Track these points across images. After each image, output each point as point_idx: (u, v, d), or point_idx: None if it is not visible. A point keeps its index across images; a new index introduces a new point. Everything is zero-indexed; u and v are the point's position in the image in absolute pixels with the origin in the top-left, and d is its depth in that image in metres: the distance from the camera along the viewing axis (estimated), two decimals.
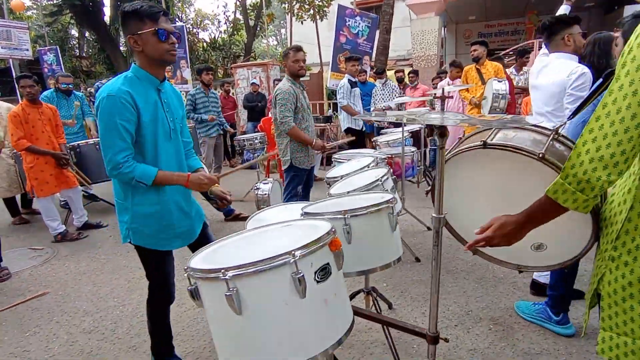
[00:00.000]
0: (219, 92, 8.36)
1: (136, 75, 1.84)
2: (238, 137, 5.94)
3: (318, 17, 13.35)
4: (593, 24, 13.25)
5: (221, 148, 6.34)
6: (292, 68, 3.66)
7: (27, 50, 10.69)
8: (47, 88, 12.18)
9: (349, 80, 5.70)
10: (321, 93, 11.54)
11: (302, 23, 14.66)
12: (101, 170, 5.52)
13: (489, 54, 5.72)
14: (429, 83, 8.79)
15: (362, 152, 3.90)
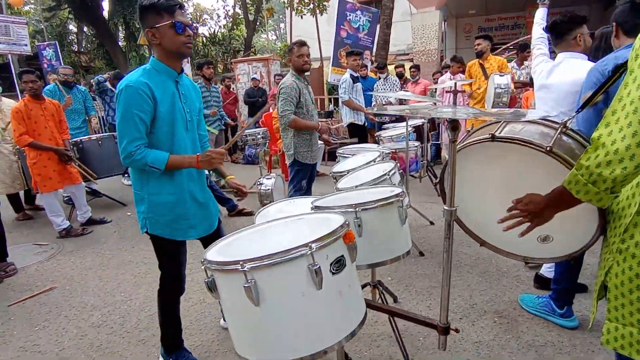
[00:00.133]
0: (220, 87, 8.35)
1: (154, 67, 1.88)
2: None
3: (318, 12, 13.32)
4: (593, 20, 13.19)
5: (222, 144, 6.35)
6: (297, 63, 3.68)
7: (26, 45, 10.63)
8: (47, 83, 12.18)
9: (351, 75, 5.69)
10: (322, 88, 11.53)
11: (302, 17, 14.63)
12: (103, 166, 5.55)
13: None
14: (430, 78, 8.78)
15: (366, 147, 3.92)
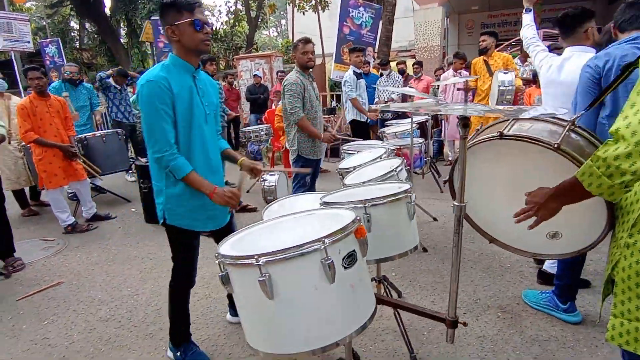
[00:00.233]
0: (222, 84, 8.36)
1: (173, 63, 1.93)
2: (243, 129, 5.97)
3: (320, 8, 13.29)
4: (598, 15, 13.19)
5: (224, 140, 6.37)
6: (301, 60, 3.69)
7: (29, 42, 10.63)
8: (50, 80, 12.19)
9: (354, 71, 5.70)
10: (324, 84, 11.52)
11: (304, 14, 14.61)
12: (107, 162, 5.58)
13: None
14: (432, 74, 8.78)
15: (371, 144, 3.94)
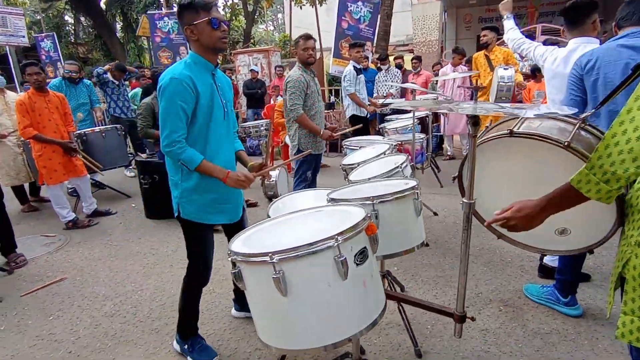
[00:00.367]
0: None
1: (194, 61, 1.98)
2: (243, 124, 5.96)
3: (317, 2, 13.22)
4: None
5: None
6: (302, 56, 3.71)
7: (24, 37, 10.55)
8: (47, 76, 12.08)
9: (354, 66, 5.70)
10: (322, 79, 11.49)
11: (301, 8, 14.54)
12: (107, 158, 5.57)
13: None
14: (430, 69, 8.77)
15: (372, 139, 3.95)
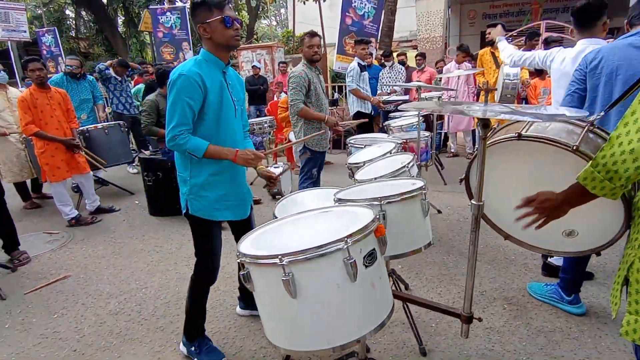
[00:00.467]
0: None
1: (205, 58, 2.00)
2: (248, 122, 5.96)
3: None
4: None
5: None
6: (307, 53, 3.73)
7: (25, 32, 10.55)
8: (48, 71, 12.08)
9: (359, 63, 5.66)
10: (325, 76, 11.45)
11: (305, 3, 14.47)
12: (110, 155, 5.55)
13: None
14: (434, 66, 8.72)
15: (376, 137, 3.94)
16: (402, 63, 7.95)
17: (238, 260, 1.29)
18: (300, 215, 1.57)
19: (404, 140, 3.59)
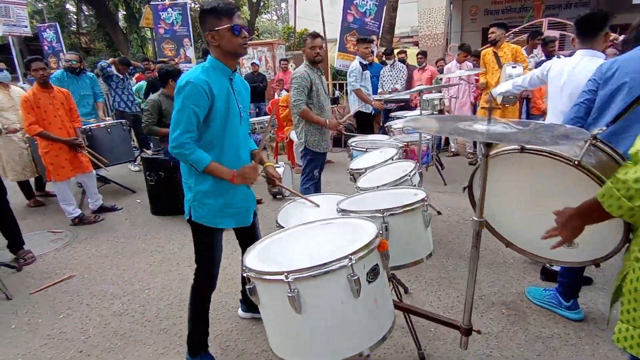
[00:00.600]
0: None
1: (212, 65, 2.02)
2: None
3: None
4: (602, 2, 13.05)
5: None
6: (309, 54, 3.74)
7: (26, 27, 10.51)
8: (49, 67, 12.08)
9: (360, 62, 5.67)
10: (326, 72, 11.42)
11: None
12: (112, 153, 5.59)
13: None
14: (434, 64, 8.69)
15: (377, 139, 3.96)
16: (402, 61, 7.93)
17: (244, 274, 1.32)
18: (304, 226, 1.60)
19: (405, 143, 3.61)
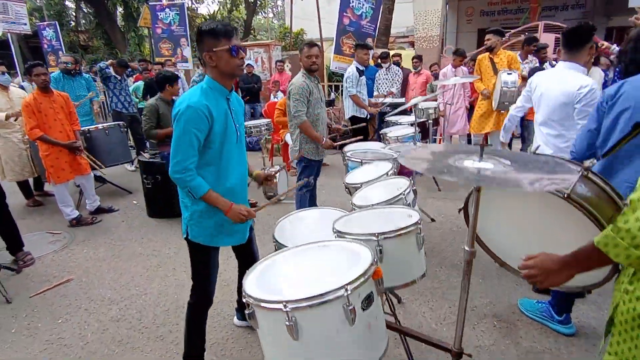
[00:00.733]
0: None
1: (210, 86, 2.02)
2: (245, 124, 6.01)
3: None
4: (599, 4, 13.14)
5: None
6: (306, 63, 3.77)
7: (25, 24, 10.48)
8: (48, 65, 12.06)
9: (357, 68, 5.71)
10: (322, 74, 11.43)
11: None
12: (110, 155, 5.65)
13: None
14: (429, 67, 8.70)
15: (372, 148, 4.00)
16: (397, 64, 7.98)
17: (244, 300, 1.37)
18: (301, 248, 1.66)
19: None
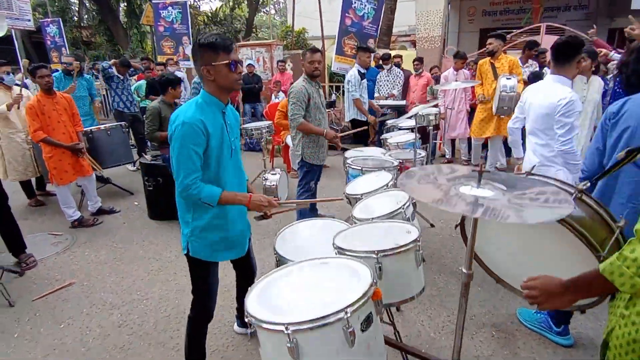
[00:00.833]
0: None
1: (205, 101, 1.98)
2: (245, 126, 6.02)
3: None
4: (602, 5, 13.09)
5: None
6: (308, 69, 3.80)
7: (29, 20, 10.52)
8: (50, 61, 12.09)
9: (359, 71, 5.71)
10: (323, 75, 11.42)
11: None
12: (112, 155, 5.69)
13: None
14: (432, 66, 8.68)
15: (372, 155, 4.02)
16: (398, 65, 7.97)
17: (246, 319, 1.39)
18: (301, 265, 1.69)
19: (400, 161, 3.69)
